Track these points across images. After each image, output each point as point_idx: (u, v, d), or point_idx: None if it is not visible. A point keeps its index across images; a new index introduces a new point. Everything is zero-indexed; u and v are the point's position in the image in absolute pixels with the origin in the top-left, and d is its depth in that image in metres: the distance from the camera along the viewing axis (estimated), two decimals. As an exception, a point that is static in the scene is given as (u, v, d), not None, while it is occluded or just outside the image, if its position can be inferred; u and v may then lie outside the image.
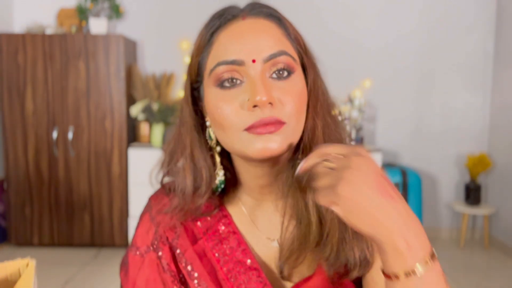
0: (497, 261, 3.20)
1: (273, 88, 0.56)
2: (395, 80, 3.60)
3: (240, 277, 0.62)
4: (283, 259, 0.62)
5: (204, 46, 0.60)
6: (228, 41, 0.57)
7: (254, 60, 0.55)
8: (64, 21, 3.47)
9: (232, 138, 0.57)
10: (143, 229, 0.69)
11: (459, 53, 3.58)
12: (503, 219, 3.40)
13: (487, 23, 3.57)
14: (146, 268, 0.65)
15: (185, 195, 0.63)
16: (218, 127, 0.58)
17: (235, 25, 0.58)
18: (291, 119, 0.56)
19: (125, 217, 3.21)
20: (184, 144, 0.64)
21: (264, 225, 0.67)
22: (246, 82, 0.56)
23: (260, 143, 0.55)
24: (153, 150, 3.12)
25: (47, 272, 2.79)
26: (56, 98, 3.13)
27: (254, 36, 0.57)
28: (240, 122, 0.55)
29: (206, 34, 0.60)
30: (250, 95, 0.54)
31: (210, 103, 0.58)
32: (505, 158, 3.39)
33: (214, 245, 0.65)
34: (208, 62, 0.59)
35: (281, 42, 0.58)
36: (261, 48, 0.56)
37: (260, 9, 0.60)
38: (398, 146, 3.66)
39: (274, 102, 0.55)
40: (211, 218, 0.67)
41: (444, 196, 3.70)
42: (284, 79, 0.57)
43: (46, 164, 3.18)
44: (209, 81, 0.58)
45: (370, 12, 3.56)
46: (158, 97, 3.32)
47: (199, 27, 0.65)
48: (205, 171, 0.63)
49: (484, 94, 3.63)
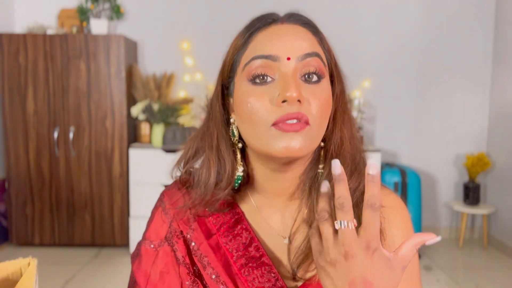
0: (496, 261, 3.20)
1: (302, 88, 0.57)
2: (395, 80, 3.61)
3: (253, 272, 0.64)
4: (297, 263, 0.63)
5: (241, 45, 0.62)
6: (266, 39, 0.59)
7: (289, 58, 0.57)
8: (65, 21, 3.48)
9: (258, 133, 0.58)
10: (156, 223, 0.70)
11: (459, 54, 3.58)
12: (502, 219, 3.41)
13: (486, 24, 3.57)
14: (160, 261, 0.66)
15: (207, 187, 0.65)
16: (246, 122, 0.59)
17: (274, 27, 0.61)
18: (315, 122, 0.58)
19: (126, 217, 3.22)
20: (211, 137, 0.65)
21: (276, 222, 0.68)
22: (277, 79, 0.58)
23: (284, 142, 0.56)
24: (154, 150, 3.13)
25: (48, 271, 2.80)
26: (57, 98, 3.15)
27: (291, 37, 0.59)
28: (269, 116, 0.57)
29: (244, 34, 0.62)
30: (281, 91, 0.56)
31: (240, 97, 0.60)
32: (504, 158, 3.40)
33: (227, 241, 0.66)
34: (243, 58, 0.61)
35: (315, 46, 0.60)
36: (297, 47, 0.58)
37: (298, 18, 0.63)
38: (397, 146, 3.67)
39: (303, 100, 0.56)
40: (224, 215, 0.68)
41: (443, 195, 3.71)
42: (313, 83, 0.59)
43: (47, 164, 3.19)
44: (242, 76, 0.60)
45: (370, 12, 3.56)
46: (158, 97, 3.33)
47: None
48: (228, 165, 0.65)
49: (483, 94, 3.63)
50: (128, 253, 3.17)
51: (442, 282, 2.81)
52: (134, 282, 0.67)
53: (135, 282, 0.67)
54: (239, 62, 0.62)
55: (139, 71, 3.31)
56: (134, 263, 0.69)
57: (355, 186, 0.62)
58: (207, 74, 3.53)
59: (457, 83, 3.61)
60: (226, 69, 0.64)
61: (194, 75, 3.54)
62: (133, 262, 0.69)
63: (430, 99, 3.63)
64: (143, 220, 3.30)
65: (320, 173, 0.65)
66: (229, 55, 0.63)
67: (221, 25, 3.49)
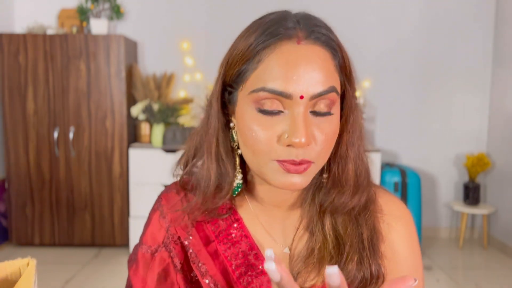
0: (496, 261, 3.20)
1: (311, 125, 0.54)
2: (395, 80, 3.61)
3: (252, 281, 0.62)
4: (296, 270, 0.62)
5: (249, 58, 0.55)
6: (278, 67, 0.53)
7: (302, 96, 0.53)
8: (65, 21, 3.48)
9: (259, 162, 0.56)
10: (153, 228, 0.68)
11: (459, 54, 3.58)
12: (502, 219, 3.41)
13: (486, 24, 3.57)
14: (157, 267, 0.65)
15: (206, 195, 0.63)
16: (248, 147, 0.57)
17: (289, 48, 0.54)
18: (319, 159, 0.56)
19: (126, 217, 3.22)
20: (210, 141, 0.62)
21: (275, 230, 0.67)
22: (287, 114, 0.54)
23: (285, 178, 0.55)
24: (154, 150, 3.13)
25: (48, 271, 2.80)
26: (57, 98, 3.15)
27: (307, 68, 0.53)
28: (273, 153, 0.54)
29: (254, 45, 0.55)
30: (290, 133, 0.53)
31: (245, 123, 0.56)
32: (504, 158, 3.40)
33: (226, 248, 0.64)
34: (251, 78, 0.55)
35: (332, 77, 0.55)
36: (312, 84, 0.53)
37: (319, 34, 0.55)
38: (397, 146, 3.66)
39: (310, 142, 0.54)
40: (223, 222, 0.66)
41: (443, 195, 3.71)
42: (322, 115, 0.55)
43: (47, 164, 3.19)
44: (247, 98, 0.55)
45: (370, 12, 3.56)
46: (158, 97, 3.33)
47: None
48: (229, 173, 0.62)
49: (483, 94, 3.63)
50: (128, 253, 3.17)
51: (442, 282, 2.81)
52: (131, 287, 0.66)
53: (131, 287, 0.66)
54: (245, 78, 0.56)
55: (139, 71, 3.31)
56: (131, 268, 0.68)
57: (355, 204, 0.62)
58: (207, 74, 3.53)
59: (457, 83, 3.61)
60: (229, 77, 0.59)
61: (194, 75, 3.55)
62: (130, 267, 0.68)
63: (430, 99, 3.63)
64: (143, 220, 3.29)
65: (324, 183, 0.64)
66: (234, 63, 0.57)
67: (221, 25, 3.49)
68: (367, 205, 0.64)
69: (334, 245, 0.62)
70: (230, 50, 0.59)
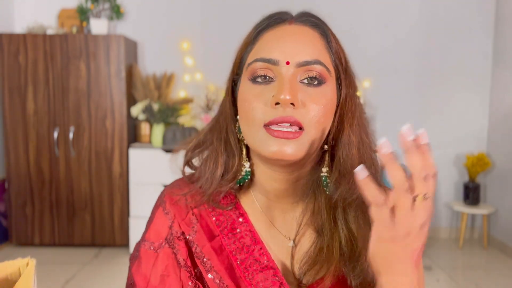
0: (496, 261, 3.20)
1: (301, 92, 0.57)
2: (395, 80, 3.61)
3: (257, 275, 0.62)
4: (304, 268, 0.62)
5: (249, 43, 0.63)
6: (270, 41, 0.60)
7: (288, 62, 0.58)
8: (65, 21, 3.48)
9: (252, 132, 0.59)
10: (156, 224, 0.68)
11: (458, 54, 3.58)
12: (502, 219, 3.41)
13: (486, 24, 3.57)
14: (161, 264, 0.64)
15: (213, 178, 0.65)
16: (243, 119, 0.61)
17: (281, 28, 0.61)
18: (310, 126, 0.57)
19: (126, 217, 3.22)
20: (220, 130, 0.66)
21: (280, 224, 0.67)
22: (276, 81, 0.58)
23: (275, 146, 0.56)
24: (154, 150, 3.13)
25: (48, 271, 2.80)
26: (57, 98, 3.15)
27: (295, 40, 0.59)
28: (262, 117, 0.57)
29: (253, 32, 0.63)
30: (275, 93, 0.56)
31: (241, 95, 0.61)
32: (504, 157, 3.40)
33: (231, 243, 0.65)
34: (249, 57, 0.62)
35: (319, 52, 0.60)
36: (298, 52, 0.58)
37: (308, 18, 0.62)
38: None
39: (297, 103, 0.56)
40: (228, 216, 0.67)
41: (443, 195, 3.71)
42: (314, 86, 0.58)
43: (47, 164, 3.19)
44: (245, 74, 0.61)
45: (370, 12, 3.56)
46: (158, 97, 3.33)
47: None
48: (236, 157, 0.65)
49: (483, 94, 3.63)
50: (128, 253, 3.17)
51: (442, 282, 2.81)
52: (133, 284, 0.65)
53: (133, 284, 0.65)
54: (245, 60, 0.62)
55: (139, 71, 3.32)
56: (133, 265, 0.67)
57: None
58: (207, 74, 3.53)
59: (457, 83, 3.61)
60: (235, 65, 0.65)
61: (194, 75, 3.55)
62: (132, 264, 0.67)
63: (430, 99, 3.63)
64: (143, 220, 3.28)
65: (323, 177, 0.64)
66: (238, 53, 0.64)
67: (221, 25, 3.49)
68: None
69: (347, 240, 0.62)
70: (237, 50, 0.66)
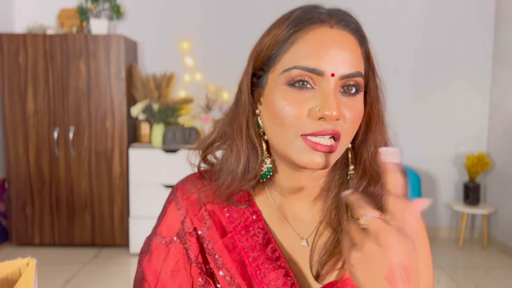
0: (496, 261, 3.20)
1: (340, 103, 0.56)
2: (394, 80, 3.61)
3: (268, 274, 0.62)
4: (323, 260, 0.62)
5: (281, 41, 0.58)
6: (312, 47, 0.56)
7: (333, 74, 0.56)
8: (65, 21, 3.48)
9: (285, 139, 0.58)
10: (168, 219, 0.68)
11: (459, 53, 3.58)
12: (502, 219, 3.41)
13: (486, 23, 3.57)
14: (171, 259, 0.64)
15: (234, 176, 0.63)
16: (275, 123, 0.58)
17: (322, 31, 0.57)
18: (345, 137, 0.58)
19: (126, 217, 3.22)
20: (241, 125, 0.63)
21: (294, 223, 0.66)
22: (318, 91, 0.56)
23: (311, 156, 0.56)
24: (154, 150, 3.13)
25: (48, 271, 2.80)
26: (57, 98, 3.15)
27: (340, 49, 0.56)
28: (301, 127, 0.56)
29: (287, 30, 0.58)
30: (321, 107, 0.55)
31: (273, 98, 0.58)
32: (504, 157, 3.40)
33: (243, 240, 0.64)
34: (283, 59, 0.58)
35: (359, 61, 0.59)
36: (342, 63, 0.56)
37: (349, 22, 0.60)
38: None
39: (341, 118, 0.56)
40: (241, 213, 0.66)
41: (443, 195, 3.71)
42: (351, 95, 0.58)
43: (47, 164, 3.19)
44: (279, 77, 0.58)
45: (369, 11, 3.56)
46: (158, 97, 3.33)
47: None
48: (259, 154, 0.63)
49: (483, 94, 3.63)
50: (128, 253, 3.17)
51: (442, 282, 2.81)
52: (143, 278, 0.65)
53: (143, 278, 0.65)
54: (278, 59, 0.58)
55: (139, 71, 3.32)
56: (143, 259, 0.66)
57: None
58: (207, 74, 3.53)
59: (457, 83, 3.61)
60: (261, 59, 0.61)
61: (194, 75, 3.55)
62: (143, 258, 0.67)
63: (430, 99, 3.63)
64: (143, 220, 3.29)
65: (351, 175, 0.64)
66: (266, 45, 0.60)
67: (221, 25, 3.49)
68: None
69: None
70: (260, 40, 0.62)
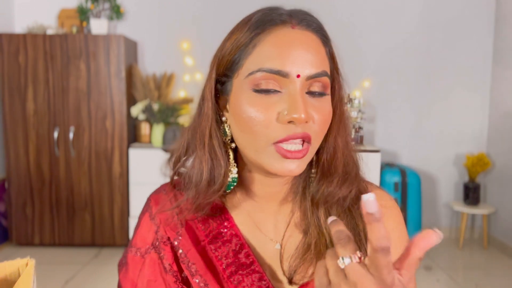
0: (496, 261, 3.20)
1: (308, 105, 0.55)
2: (395, 80, 3.61)
3: (243, 279, 0.62)
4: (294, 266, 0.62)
5: (243, 45, 0.57)
6: (275, 49, 0.55)
7: (298, 75, 0.54)
8: (65, 21, 3.48)
9: (257, 147, 0.56)
10: (143, 230, 0.69)
11: (458, 53, 3.58)
12: (502, 219, 3.41)
13: (486, 24, 3.57)
14: (147, 269, 0.64)
15: (199, 189, 0.61)
16: (244, 131, 0.57)
17: (283, 32, 0.56)
18: (316, 139, 0.57)
19: (126, 217, 3.22)
20: (203, 135, 0.61)
21: (266, 227, 0.66)
22: (284, 94, 0.55)
23: (282, 164, 0.55)
24: (154, 150, 3.13)
25: (48, 271, 2.80)
26: (57, 98, 3.15)
27: (303, 50, 0.55)
28: (272, 134, 0.54)
29: (249, 33, 0.56)
30: (289, 110, 0.53)
31: (240, 104, 0.56)
32: (504, 157, 3.40)
33: (216, 248, 0.64)
34: (246, 63, 0.56)
35: (323, 61, 0.57)
36: (308, 64, 0.55)
37: (310, 22, 0.58)
38: (397, 146, 3.66)
39: (309, 120, 0.55)
40: (213, 221, 0.66)
41: (443, 195, 3.71)
42: (317, 96, 0.56)
43: (47, 164, 3.19)
44: (244, 82, 0.56)
45: (370, 12, 3.56)
46: (158, 97, 3.33)
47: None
48: (222, 165, 0.61)
49: (483, 94, 3.63)
50: (128, 253, 3.17)
51: (442, 282, 2.81)
52: None
53: None
54: (241, 63, 0.57)
55: (139, 71, 3.31)
56: (121, 272, 0.67)
57: (345, 194, 0.62)
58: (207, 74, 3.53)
59: (457, 83, 3.61)
60: (224, 64, 0.59)
61: (194, 75, 3.55)
62: (120, 271, 0.68)
63: (430, 99, 3.63)
64: (143, 220, 3.19)
65: (312, 178, 0.64)
66: (228, 50, 0.58)
67: (221, 24, 3.49)
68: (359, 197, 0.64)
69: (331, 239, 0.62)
70: (221, 45, 0.61)
